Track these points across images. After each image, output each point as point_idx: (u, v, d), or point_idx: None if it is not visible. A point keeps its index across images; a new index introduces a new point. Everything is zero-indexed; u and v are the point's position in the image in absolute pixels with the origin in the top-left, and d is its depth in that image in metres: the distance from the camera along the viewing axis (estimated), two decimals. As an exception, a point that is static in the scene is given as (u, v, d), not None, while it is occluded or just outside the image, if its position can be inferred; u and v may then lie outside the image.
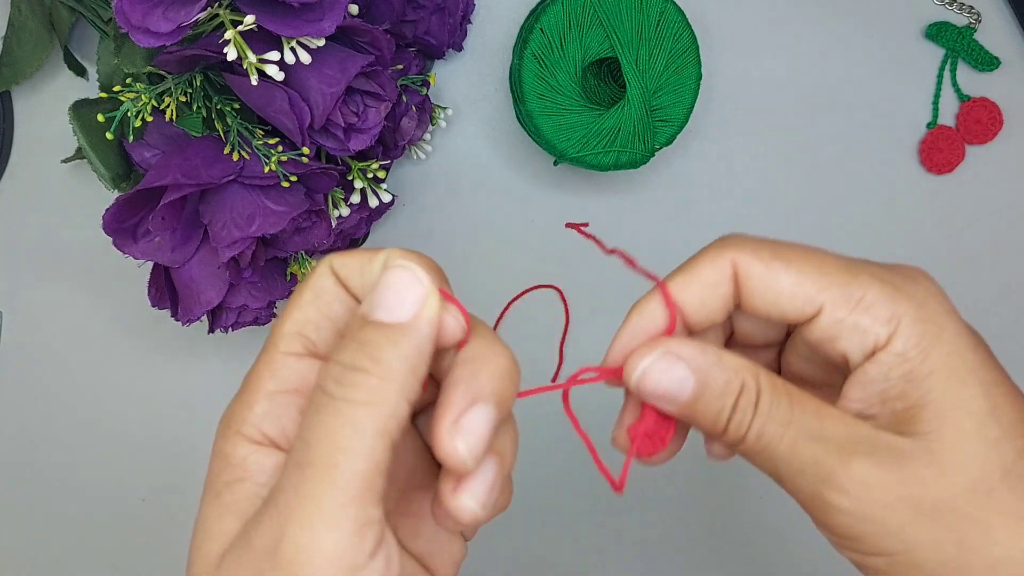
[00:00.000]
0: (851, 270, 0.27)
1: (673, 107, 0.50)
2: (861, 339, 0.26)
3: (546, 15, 0.48)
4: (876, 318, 0.26)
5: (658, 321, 0.28)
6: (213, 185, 0.42)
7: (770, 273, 0.27)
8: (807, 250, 0.28)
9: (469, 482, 0.25)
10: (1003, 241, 0.58)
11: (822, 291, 0.27)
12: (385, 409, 0.23)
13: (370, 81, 0.43)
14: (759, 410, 0.26)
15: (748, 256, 0.27)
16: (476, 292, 0.57)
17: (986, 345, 0.28)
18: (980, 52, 0.55)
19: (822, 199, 0.57)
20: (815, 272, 0.27)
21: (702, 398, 0.27)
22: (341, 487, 0.22)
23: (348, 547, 0.22)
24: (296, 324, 0.25)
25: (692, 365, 0.27)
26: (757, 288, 0.27)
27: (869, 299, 0.26)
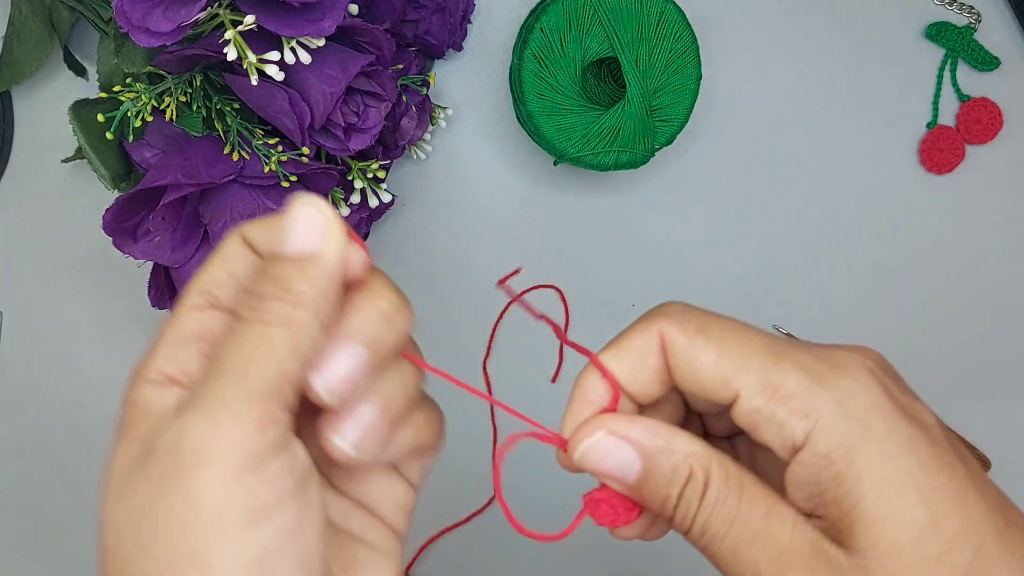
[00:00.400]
0: (775, 355, 0.25)
1: (673, 107, 0.50)
2: (779, 432, 0.24)
3: (546, 15, 0.48)
4: (792, 412, 0.24)
5: (601, 395, 0.27)
6: (213, 185, 0.42)
7: (691, 348, 0.26)
8: (735, 327, 0.26)
9: (339, 421, 0.24)
10: (1003, 241, 0.58)
11: (739, 375, 0.25)
12: (298, 330, 0.23)
13: (370, 81, 0.43)
14: (704, 503, 0.25)
15: (673, 328, 0.26)
16: (476, 292, 0.57)
17: (931, 436, 0.24)
18: (980, 52, 0.55)
19: (822, 199, 0.57)
20: (736, 353, 0.25)
21: (648, 482, 0.26)
22: (247, 387, 0.22)
23: (250, 437, 0.22)
24: (201, 284, 0.25)
25: (639, 448, 0.25)
26: (679, 363, 0.26)
27: (787, 389, 0.24)
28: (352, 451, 0.24)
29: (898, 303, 0.58)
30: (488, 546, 0.58)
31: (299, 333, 0.23)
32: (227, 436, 0.22)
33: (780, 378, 0.24)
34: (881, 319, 0.58)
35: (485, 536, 0.58)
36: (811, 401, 0.24)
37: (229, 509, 0.21)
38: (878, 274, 0.58)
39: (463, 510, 0.58)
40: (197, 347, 0.25)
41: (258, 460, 0.22)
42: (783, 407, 0.24)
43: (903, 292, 0.58)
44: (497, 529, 0.58)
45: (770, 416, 0.24)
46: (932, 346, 0.58)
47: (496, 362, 0.57)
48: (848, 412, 0.24)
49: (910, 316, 0.58)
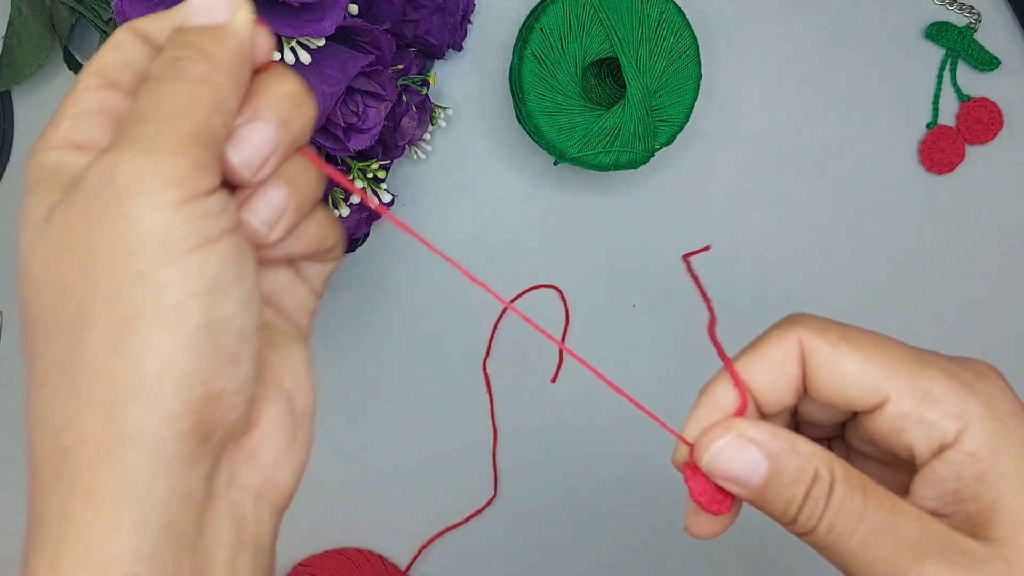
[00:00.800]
0: (920, 361, 0.26)
1: (673, 107, 0.50)
2: (928, 434, 0.25)
3: (546, 15, 0.48)
4: (944, 413, 0.25)
5: (729, 402, 0.27)
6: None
7: (836, 357, 0.26)
8: (875, 337, 0.27)
9: (251, 200, 0.24)
10: (1003, 241, 0.58)
11: (889, 380, 0.26)
12: (218, 90, 0.22)
13: (370, 81, 0.43)
14: (831, 501, 0.25)
15: (815, 337, 0.27)
16: (476, 292, 0.57)
17: None
18: (980, 52, 0.55)
19: (822, 199, 0.57)
20: (883, 360, 0.26)
21: (773, 484, 0.26)
22: (179, 130, 0.21)
23: (188, 175, 0.21)
24: (95, 68, 0.24)
25: (765, 449, 0.26)
26: (822, 372, 0.27)
27: (937, 393, 0.26)
28: (263, 229, 0.24)
29: (898, 303, 0.58)
30: (488, 546, 0.58)
31: (219, 93, 0.22)
32: (165, 170, 0.21)
33: (929, 383, 0.26)
34: (881, 319, 0.58)
35: (485, 536, 0.58)
36: (961, 404, 0.25)
37: (172, 236, 0.21)
38: (878, 274, 0.58)
39: (463, 510, 0.58)
40: (101, 120, 0.24)
41: (197, 196, 0.21)
42: (934, 409, 0.25)
43: (903, 292, 0.58)
44: (497, 529, 0.58)
45: (920, 418, 0.25)
46: (932, 346, 0.58)
47: (496, 362, 0.57)
48: (995, 414, 0.25)
49: (910, 316, 0.58)
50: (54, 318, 0.22)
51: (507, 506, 0.58)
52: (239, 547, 0.24)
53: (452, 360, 0.57)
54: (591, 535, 0.59)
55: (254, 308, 0.23)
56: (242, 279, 0.22)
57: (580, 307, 0.57)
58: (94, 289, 0.21)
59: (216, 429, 0.22)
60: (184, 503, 0.22)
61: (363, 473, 0.58)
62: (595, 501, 0.59)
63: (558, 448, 0.58)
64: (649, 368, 0.58)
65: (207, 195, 0.22)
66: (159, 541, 0.21)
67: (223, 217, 0.22)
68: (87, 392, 0.22)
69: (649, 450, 0.59)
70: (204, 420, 0.22)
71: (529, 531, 0.58)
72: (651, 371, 0.58)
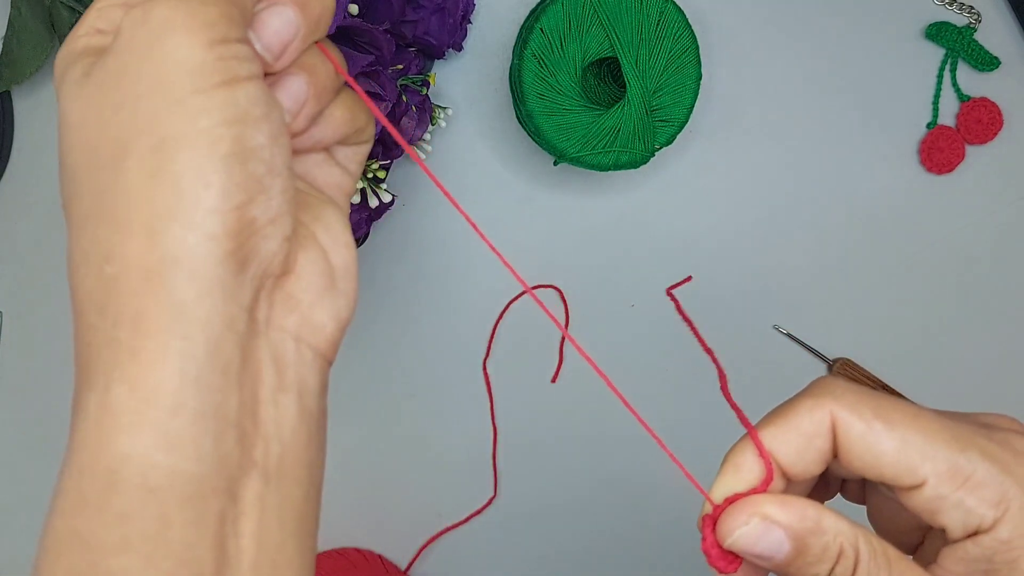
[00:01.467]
0: (959, 441, 0.26)
1: (673, 107, 0.50)
2: (964, 518, 0.25)
3: (546, 15, 0.48)
4: (983, 500, 0.25)
5: (755, 472, 0.27)
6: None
7: (871, 434, 0.26)
8: (911, 412, 0.26)
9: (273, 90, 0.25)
10: (1003, 241, 0.58)
11: (926, 462, 0.25)
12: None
13: (370, 81, 0.43)
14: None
15: (848, 412, 0.26)
16: (476, 292, 0.57)
17: None
18: (980, 52, 0.55)
19: (822, 199, 0.57)
20: (920, 440, 0.26)
21: (797, 562, 0.26)
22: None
23: (217, 19, 0.23)
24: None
25: (790, 531, 0.26)
26: (855, 448, 0.26)
27: (977, 478, 0.25)
28: (286, 118, 0.26)
29: (898, 303, 0.58)
30: (488, 546, 0.58)
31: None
32: (196, 13, 0.22)
33: (970, 467, 0.25)
34: (881, 319, 0.58)
35: (485, 536, 0.58)
36: (1001, 490, 0.25)
37: (204, 69, 0.22)
38: (878, 274, 0.58)
39: (463, 510, 0.58)
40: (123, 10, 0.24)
41: (227, 41, 0.23)
42: (973, 496, 0.25)
43: (903, 292, 0.58)
44: (497, 529, 0.58)
45: (958, 503, 0.25)
46: (932, 346, 0.58)
47: (496, 362, 0.57)
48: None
49: (910, 316, 0.58)
50: (94, 154, 0.23)
51: (507, 506, 0.58)
52: (282, 387, 0.25)
53: (452, 360, 0.57)
54: (591, 535, 0.59)
55: (283, 145, 0.24)
56: (270, 118, 0.24)
57: (580, 307, 0.57)
58: (132, 119, 0.22)
59: (253, 257, 0.23)
60: (227, 329, 0.23)
61: (363, 473, 0.58)
62: (595, 501, 0.59)
63: (558, 448, 0.58)
64: (648, 368, 0.58)
65: (235, 41, 0.23)
66: (205, 366, 0.22)
67: (250, 63, 0.23)
68: (127, 218, 0.22)
69: (649, 450, 0.59)
70: (241, 245, 0.23)
71: (529, 531, 0.58)
72: (651, 371, 0.58)
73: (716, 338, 0.58)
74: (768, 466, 0.27)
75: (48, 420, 0.57)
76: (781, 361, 0.57)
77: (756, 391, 0.57)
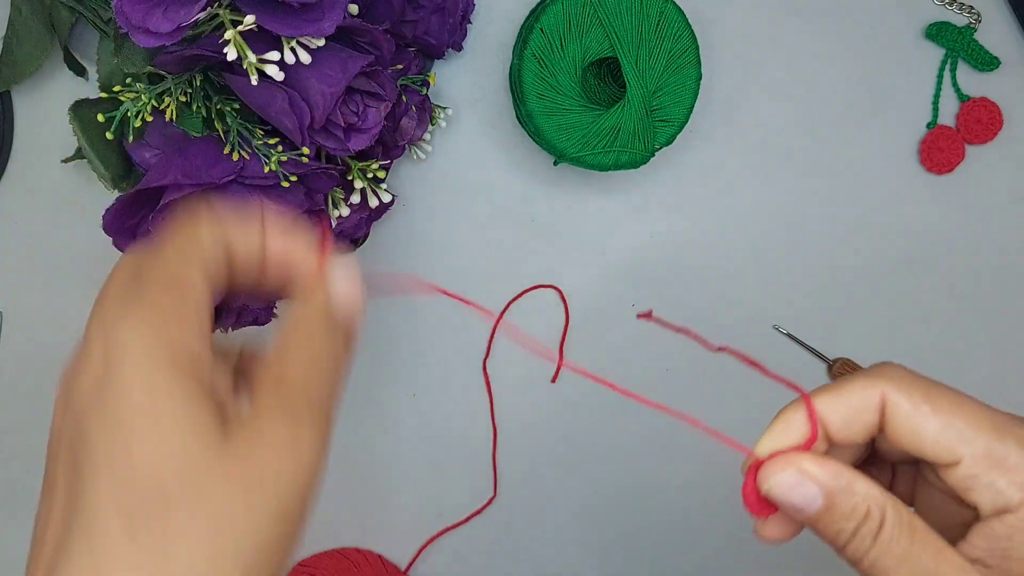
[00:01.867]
0: (998, 429, 0.28)
1: (673, 107, 0.50)
2: (993, 497, 0.28)
3: (546, 15, 0.48)
4: (1012, 483, 0.28)
5: (801, 431, 0.30)
6: (213, 185, 0.42)
7: (917, 415, 0.29)
8: (957, 399, 0.29)
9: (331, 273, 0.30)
10: (1003, 241, 0.58)
11: (965, 445, 0.28)
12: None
13: (370, 81, 0.43)
14: (878, 541, 0.28)
15: (899, 393, 0.29)
16: (476, 292, 0.57)
17: None
18: (980, 52, 0.55)
19: (822, 199, 0.57)
20: (962, 424, 0.28)
21: (826, 517, 0.29)
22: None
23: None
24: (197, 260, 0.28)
25: (823, 486, 0.28)
26: (901, 426, 0.29)
27: (1010, 463, 0.28)
28: None
29: (898, 303, 0.58)
30: (488, 546, 0.58)
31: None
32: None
33: (1004, 452, 0.28)
34: (881, 319, 0.58)
35: (485, 536, 0.58)
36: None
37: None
38: (878, 274, 0.58)
39: (463, 510, 0.58)
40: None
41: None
42: (1005, 478, 0.28)
43: (903, 292, 0.58)
44: (497, 529, 0.58)
45: (990, 484, 0.28)
46: (932, 345, 0.58)
47: (496, 362, 0.57)
48: None
49: (910, 316, 0.58)
50: None
51: (507, 506, 0.58)
52: None
53: (452, 360, 0.57)
54: (591, 535, 0.59)
55: None
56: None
57: (579, 307, 0.57)
58: None
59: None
60: None
61: (363, 473, 0.58)
62: (595, 501, 0.59)
63: (558, 448, 0.58)
64: (648, 367, 0.58)
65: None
66: None
67: None
68: None
69: (649, 450, 0.59)
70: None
71: (529, 531, 0.58)
72: (651, 370, 0.58)
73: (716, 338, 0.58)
74: (814, 427, 0.29)
75: (48, 420, 0.57)
76: (781, 361, 0.57)
77: (756, 391, 0.58)
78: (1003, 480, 0.28)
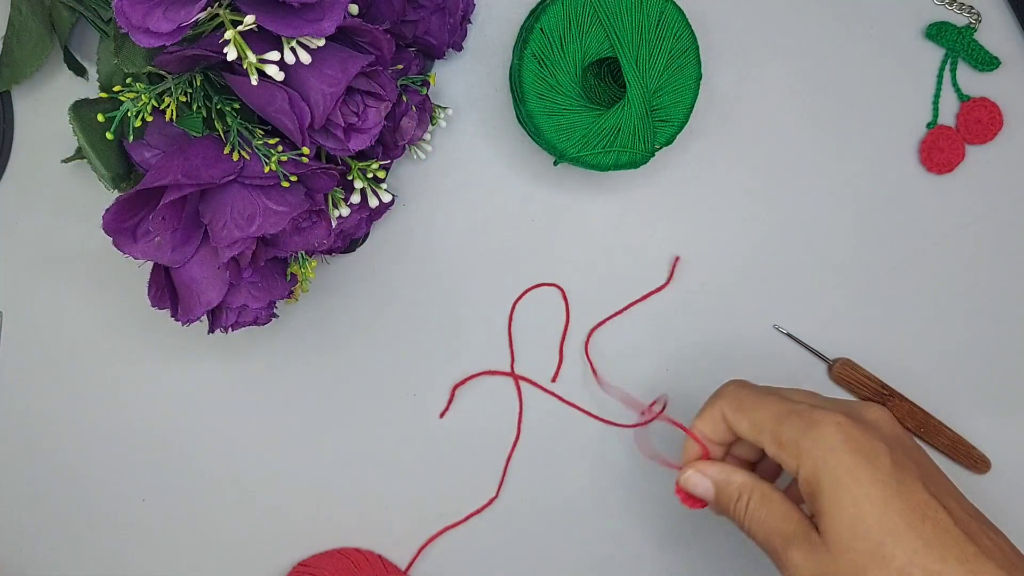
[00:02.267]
0: (778, 420, 0.42)
1: (673, 107, 0.50)
2: (787, 466, 0.42)
3: (546, 15, 0.48)
4: (790, 455, 0.41)
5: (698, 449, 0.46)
6: (213, 185, 0.42)
7: (735, 420, 0.44)
8: (762, 401, 0.43)
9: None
10: (1003, 241, 0.58)
11: (759, 436, 0.43)
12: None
13: (370, 81, 0.43)
14: (748, 511, 0.43)
15: (727, 405, 0.44)
16: (476, 292, 0.57)
17: (872, 462, 0.39)
18: (980, 52, 0.55)
19: (822, 199, 0.57)
20: (757, 420, 0.43)
21: (717, 498, 0.45)
22: None
23: None
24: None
25: (712, 479, 0.45)
26: (733, 427, 0.44)
27: (786, 441, 0.41)
28: None
29: (898, 303, 0.58)
30: (488, 546, 0.58)
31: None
32: None
33: (783, 435, 0.42)
34: (881, 319, 0.58)
35: (485, 536, 0.58)
36: (797, 450, 0.41)
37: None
38: (878, 274, 0.58)
39: (463, 510, 0.58)
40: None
41: None
42: (784, 452, 0.42)
43: (903, 292, 0.58)
44: (497, 529, 0.58)
45: (780, 458, 0.42)
46: (932, 346, 0.58)
47: (497, 362, 0.57)
48: (814, 454, 0.40)
49: (910, 316, 0.58)
50: None
51: (507, 506, 0.58)
52: None
53: (452, 360, 0.57)
54: (591, 535, 0.59)
55: None
56: None
57: (579, 307, 0.57)
58: None
59: None
60: None
61: (363, 473, 0.58)
62: (595, 501, 0.58)
63: (558, 447, 0.58)
64: (649, 367, 0.58)
65: None
66: None
67: None
68: None
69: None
70: None
71: (529, 531, 0.58)
72: (651, 370, 0.58)
73: (716, 338, 0.58)
74: (702, 446, 0.45)
75: (48, 420, 0.57)
76: (781, 361, 0.57)
77: (756, 391, 0.57)
78: (784, 454, 0.41)
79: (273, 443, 0.57)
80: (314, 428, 0.57)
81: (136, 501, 0.57)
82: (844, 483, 0.39)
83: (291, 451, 0.57)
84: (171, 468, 0.57)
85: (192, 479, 0.57)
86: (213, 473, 0.57)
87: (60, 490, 0.57)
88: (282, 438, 0.57)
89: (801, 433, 0.41)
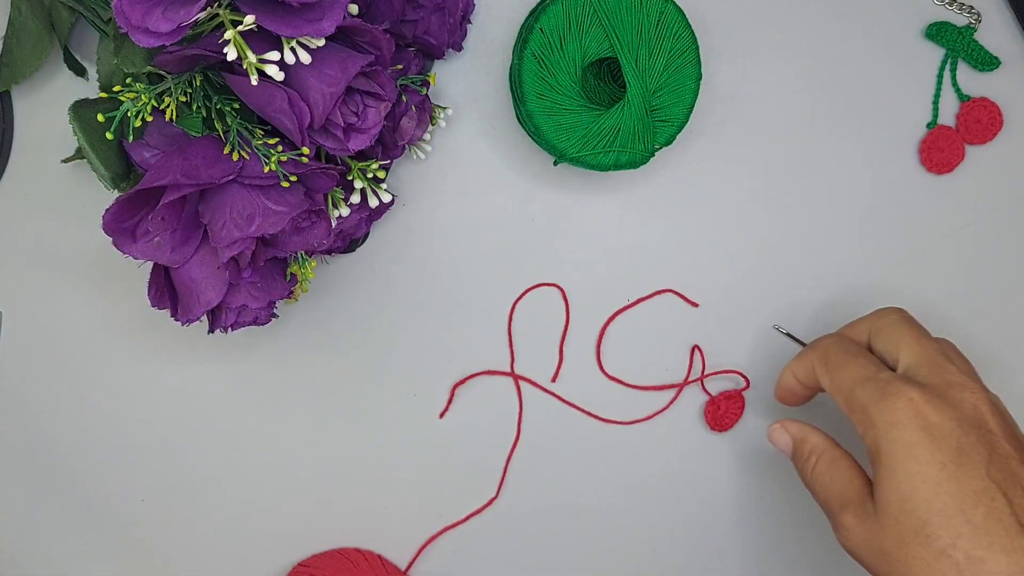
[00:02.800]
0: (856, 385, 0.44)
1: (673, 107, 0.50)
2: (857, 431, 0.44)
3: (546, 15, 0.48)
4: (859, 422, 0.44)
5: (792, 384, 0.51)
6: (213, 185, 0.42)
7: (820, 373, 0.48)
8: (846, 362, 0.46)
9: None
10: (1003, 241, 0.58)
11: (836, 395, 0.46)
12: None
13: (370, 81, 0.43)
14: (815, 471, 0.47)
15: (816, 360, 0.48)
16: (476, 292, 0.57)
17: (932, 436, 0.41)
18: (980, 52, 0.55)
19: (822, 199, 0.57)
20: (837, 381, 0.46)
21: (793, 453, 0.49)
22: None
23: None
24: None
25: (793, 436, 0.49)
26: (820, 381, 0.48)
27: (857, 408, 0.44)
28: None
29: (897, 303, 0.58)
30: (488, 546, 0.58)
31: None
32: None
33: (854, 400, 0.44)
34: (881, 319, 0.58)
35: (485, 536, 0.58)
36: (865, 416, 0.43)
37: None
38: (878, 274, 0.58)
39: (463, 510, 0.58)
40: None
41: None
42: (855, 417, 0.44)
43: (902, 292, 0.58)
44: (497, 529, 0.58)
45: (852, 421, 0.45)
46: (932, 346, 0.58)
47: (496, 362, 0.57)
48: (879, 425, 0.42)
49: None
50: None
51: (507, 506, 0.58)
52: None
53: (452, 360, 0.57)
54: (591, 535, 0.59)
55: None
56: None
57: (579, 307, 0.57)
58: None
59: None
60: None
61: (363, 473, 0.58)
62: (595, 501, 0.59)
63: (557, 448, 0.58)
64: (649, 367, 0.58)
65: None
66: None
67: None
68: None
69: (650, 450, 0.59)
70: None
71: (529, 531, 0.58)
72: (651, 370, 0.58)
73: (716, 337, 0.58)
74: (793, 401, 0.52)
75: (47, 420, 0.57)
76: (781, 361, 0.57)
77: (756, 391, 0.58)
78: (855, 417, 0.44)
79: (273, 443, 0.57)
80: (314, 428, 0.57)
81: (136, 501, 0.57)
82: (900, 459, 0.41)
83: (291, 451, 0.57)
84: (171, 468, 0.57)
85: (192, 479, 0.57)
86: (213, 473, 0.57)
87: (60, 490, 0.57)
88: (282, 438, 0.57)
89: (872, 403, 0.43)
